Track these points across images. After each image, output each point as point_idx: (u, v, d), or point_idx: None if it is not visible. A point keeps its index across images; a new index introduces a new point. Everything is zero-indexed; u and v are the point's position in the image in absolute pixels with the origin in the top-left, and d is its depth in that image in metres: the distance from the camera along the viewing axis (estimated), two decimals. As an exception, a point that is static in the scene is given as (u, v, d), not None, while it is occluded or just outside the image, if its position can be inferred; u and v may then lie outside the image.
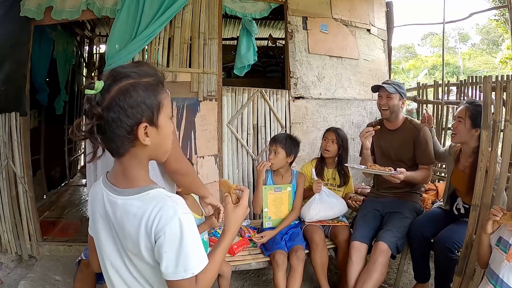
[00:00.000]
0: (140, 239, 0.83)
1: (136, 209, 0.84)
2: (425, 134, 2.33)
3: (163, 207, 0.82)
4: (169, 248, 0.81)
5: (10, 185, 2.79)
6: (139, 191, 0.86)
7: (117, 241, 0.90)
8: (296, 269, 2.05)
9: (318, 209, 2.29)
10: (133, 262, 0.89)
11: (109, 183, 0.91)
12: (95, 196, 0.95)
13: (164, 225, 0.80)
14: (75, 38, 4.99)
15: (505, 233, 1.41)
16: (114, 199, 0.87)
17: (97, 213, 0.93)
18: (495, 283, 1.36)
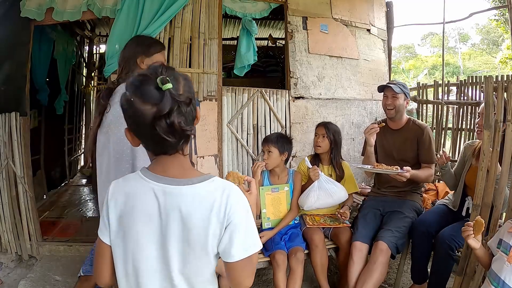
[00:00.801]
0: (210, 226, 0.84)
1: (205, 194, 0.85)
2: (429, 133, 2.38)
3: (231, 192, 0.87)
4: (240, 228, 0.86)
5: (10, 185, 2.79)
6: (204, 178, 0.87)
7: (167, 240, 0.85)
8: (296, 271, 2.05)
9: (316, 196, 2.22)
10: (186, 258, 0.85)
11: (161, 176, 0.87)
12: (133, 193, 0.87)
13: (236, 209, 0.86)
14: (75, 38, 5.00)
15: (505, 235, 1.41)
16: (176, 191, 0.84)
17: (136, 213, 0.86)
18: (497, 285, 1.36)
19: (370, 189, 2.81)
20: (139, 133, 0.86)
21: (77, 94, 5.57)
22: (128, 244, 0.87)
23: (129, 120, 0.86)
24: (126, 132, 0.88)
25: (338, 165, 2.45)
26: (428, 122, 4.12)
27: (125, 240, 0.87)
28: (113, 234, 0.89)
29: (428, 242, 2.13)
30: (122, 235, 0.88)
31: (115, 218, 0.88)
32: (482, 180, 1.81)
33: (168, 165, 0.88)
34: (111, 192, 0.90)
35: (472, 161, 2.20)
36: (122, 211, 0.88)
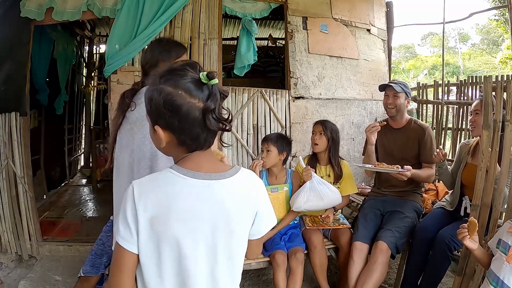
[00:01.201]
0: (249, 214, 0.90)
1: (242, 185, 0.89)
2: (430, 134, 2.38)
3: (257, 180, 0.94)
4: (266, 209, 0.95)
5: (10, 185, 2.79)
6: (235, 170, 0.90)
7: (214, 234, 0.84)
8: (296, 272, 2.05)
9: (306, 197, 2.14)
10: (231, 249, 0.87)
11: (199, 172, 0.84)
12: (169, 193, 0.82)
13: (263, 193, 0.94)
14: (75, 38, 5.00)
15: (504, 235, 1.41)
16: (218, 184, 0.85)
17: (175, 213, 0.80)
18: (496, 285, 1.36)
19: (370, 189, 2.81)
20: (179, 129, 0.82)
21: (77, 94, 5.57)
22: (166, 248, 0.81)
23: (167, 115, 0.80)
24: (157, 129, 0.83)
25: (337, 164, 2.40)
26: (428, 122, 4.12)
27: (161, 244, 0.80)
28: (143, 240, 0.80)
29: (426, 250, 2.12)
30: (157, 239, 0.80)
31: (146, 222, 0.80)
32: (481, 180, 1.81)
33: (202, 160, 0.87)
34: (137, 194, 0.81)
35: (468, 159, 2.20)
36: (155, 213, 0.80)
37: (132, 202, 0.81)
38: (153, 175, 0.88)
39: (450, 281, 2.06)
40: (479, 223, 1.78)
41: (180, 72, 0.82)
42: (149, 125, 0.87)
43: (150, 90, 0.84)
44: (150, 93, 0.84)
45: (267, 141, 2.30)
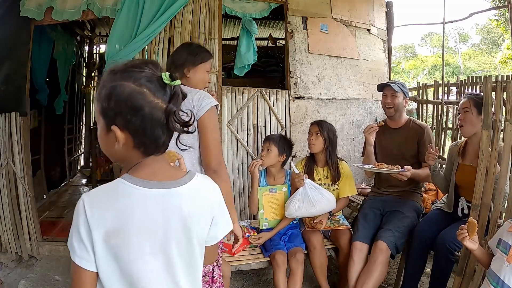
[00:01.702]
0: (205, 220, 0.87)
1: (198, 190, 0.86)
2: (429, 133, 2.38)
3: (213, 184, 0.92)
4: (222, 212, 0.92)
5: (10, 185, 2.79)
6: (191, 176, 0.86)
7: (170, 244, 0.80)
8: (296, 272, 2.05)
9: (298, 204, 2.12)
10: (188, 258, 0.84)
11: (154, 181, 0.80)
12: (124, 206, 0.77)
13: (219, 197, 0.91)
14: (75, 38, 5.00)
15: (504, 234, 1.41)
16: (174, 192, 0.81)
17: (131, 226, 0.76)
18: (496, 285, 1.36)
19: (370, 189, 2.81)
20: (139, 130, 0.77)
21: (77, 94, 5.57)
22: (125, 262, 0.76)
23: (129, 114, 0.76)
24: (114, 129, 0.76)
25: (334, 165, 2.37)
26: (428, 122, 4.12)
27: (120, 258, 0.76)
28: (100, 257, 0.75)
29: (424, 253, 2.12)
30: (115, 254, 0.76)
31: (101, 237, 0.74)
32: (481, 180, 1.81)
33: (156, 167, 0.83)
34: (88, 208, 0.75)
35: (459, 160, 2.19)
36: (110, 227, 0.75)
37: (85, 217, 0.74)
38: (104, 186, 0.80)
39: (450, 281, 2.06)
40: (479, 223, 1.78)
41: (141, 69, 0.78)
42: (101, 125, 0.80)
43: (108, 86, 0.77)
44: (108, 89, 0.76)
45: (268, 140, 2.30)
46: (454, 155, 2.25)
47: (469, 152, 2.15)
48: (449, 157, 2.32)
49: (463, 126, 2.10)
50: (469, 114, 2.06)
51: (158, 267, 0.79)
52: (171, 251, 0.80)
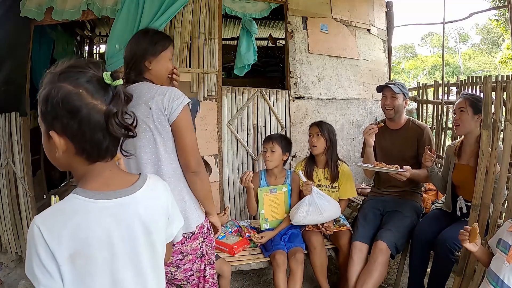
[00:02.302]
0: (164, 222, 0.88)
1: (154, 194, 0.85)
2: (429, 134, 2.38)
3: (165, 184, 0.91)
4: (175, 210, 0.94)
5: (10, 185, 2.79)
6: (143, 179, 0.85)
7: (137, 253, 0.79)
8: (296, 272, 2.05)
9: (305, 212, 2.16)
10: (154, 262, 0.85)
11: (108, 192, 0.76)
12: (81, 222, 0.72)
13: (171, 196, 0.92)
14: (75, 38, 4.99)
15: (504, 234, 1.41)
16: (131, 199, 0.78)
17: (94, 243, 0.73)
18: (495, 284, 1.36)
19: (370, 189, 2.81)
20: (77, 135, 0.72)
21: (77, 94, 5.56)
22: (94, 281, 0.73)
23: (66, 117, 0.71)
24: (52, 134, 0.72)
25: (334, 165, 2.37)
26: (428, 122, 4.11)
27: (88, 278, 0.72)
28: (69, 281, 0.70)
29: (425, 252, 2.12)
30: (83, 274, 0.72)
31: (66, 261, 0.70)
32: (481, 181, 1.81)
33: (108, 175, 0.78)
34: (46, 233, 0.69)
35: (455, 160, 2.19)
36: (73, 249, 0.70)
37: (44, 243, 0.69)
38: (58, 206, 0.75)
39: (450, 281, 2.06)
40: (479, 223, 1.78)
41: (81, 69, 0.73)
42: (43, 130, 0.76)
43: (46, 89, 0.73)
44: (46, 91, 0.73)
45: (271, 140, 2.29)
46: (450, 155, 2.26)
47: (465, 152, 2.16)
48: (446, 157, 2.33)
49: (459, 126, 2.11)
50: (464, 113, 2.07)
51: (129, 279, 0.77)
52: (141, 259, 0.79)
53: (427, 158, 2.15)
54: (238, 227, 2.43)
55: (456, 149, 2.21)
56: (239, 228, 2.43)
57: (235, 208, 3.14)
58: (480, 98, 2.03)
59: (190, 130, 1.39)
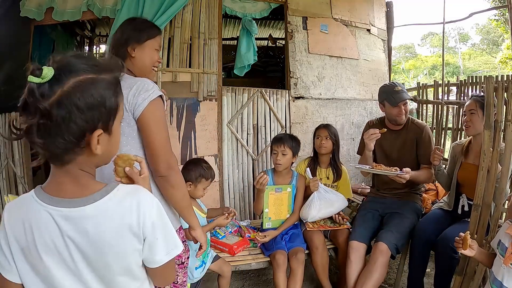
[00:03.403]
0: (127, 242, 0.74)
1: (112, 211, 0.73)
2: (428, 133, 2.37)
3: (141, 198, 0.76)
4: (157, 233, 0.77)
5: (10, 185, 2.79)
6: (106, 191, 0.74)
7: (80, 270, 0.74)
8: (296, 272, 2.05)
9: (319, 207, 2.24)
10: (109, 283, 0.77)
11: (57, 198, 0.72)
12: (30, 222, 0.71)
13: (150, 215, 0.76)
14: (75, 38, 5.00)
15: (502, 236, 1.41)
16: (78, 213, 0.71)
17: (39, 245, 0.71)
18: (496, 287, 1.36)
19: (369, 189, 2.80)
20: None
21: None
22: (44, 277, 0.73)
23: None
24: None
25: (337, 165, 2.46)
26: (428, 122, 4.11)
27: (38, 276, 0.73)
28: (22, 270, 0.73)
29: (426, 251, 2.12)
30: (33, 269, 0.73)
31: (19, 252, 0.73)
32: (483, 180, 1.81)
33: (61, 180, 0.73)
34: (6, 221, 0.73)
35: (462, 159, 2.21)
36: (23, 243, 0.72)
37: (4, 229, 0.73)
38: (21, 198, 0.75)
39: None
40: (480, 222, 1.78)
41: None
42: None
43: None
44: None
45: (283, 143, 2.27)
46: (457, 153, 2.28)
47: (473, 151, 2.17)
48: (452, 155, 2.34)
49: (469, 127, 2.13)
50: (475, 115, 2.09)
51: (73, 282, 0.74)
52: (85, 276, 0.74)
53: (436, 157, 2.19)
54: (238, 227, 2.43)
55: (464, 148, 2.23)
56: (239, 228, 2.43)
57: (235, 208, 3.13)
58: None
59: (159, 128, 1.22)
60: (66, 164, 0.72)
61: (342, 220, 2.35)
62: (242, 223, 2.56)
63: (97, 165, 0.78)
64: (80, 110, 0.67)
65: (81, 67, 0.68)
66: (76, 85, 0.67)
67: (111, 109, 0.73)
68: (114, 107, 0.74)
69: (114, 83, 0.74)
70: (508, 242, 1.35)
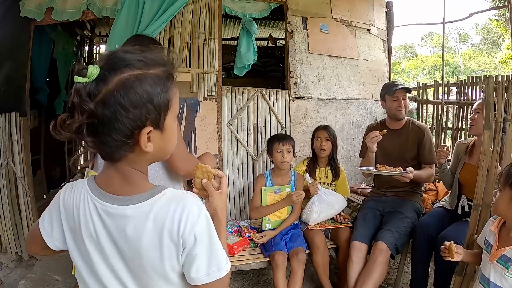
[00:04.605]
0: (164, 249, 0.70)
1: (154, 215, 0.70)
2: (429, 134, 2.40)
3: (186, 206, 0.71)
4: (200, 249, 0.71)
5: (10, 185, 2.79)
6: (152, 193, 0.72)
7: (117, 266, 0.74)
8: (297, 273, 2.05)
9: (319, 210, 2.28)
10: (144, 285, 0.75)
11: (104, 191, 0.73)
12: (78, 208, 0.75)
13: (193, 226, 0.70)
14: (75, 38, 4.99)
15: (488, 233, 1.45)
16: (119, 211, 0.71)
17: (83, 232, 0.74)
18: (483, 283, 1.38)
19: (370, 189, 2.81)
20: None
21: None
22: (83, 261, 0.77)
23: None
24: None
25: (336, 165, 2.50)
26: (428, 122, 4.11)
27: (81, 256, 0.77)
28: (70, 247, 0.78)
29: (429, 246, 2.12)
30: (78, 250, 0.77)
31: (68, 230, 0.78)
32: (482, 180, 1.81)
33: (109, 176, 0.74)
34: (61, 198, 0.78)
35: (465, 159, 2.22)
36: (71, 225, 0.76)
37: (61, 203, 0.78)
38: (77, 183, 0.79)
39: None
40: (480, 222, 1.79)
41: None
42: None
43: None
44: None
45: (288, 142, 2.34)
46: (461, 153, 2.28)
47: (476, 152, 2.17)
48: (455, 153, 2.35)
49: (473, 126, 2.16)
50: (480, 115, 2.11)
51: (110, 277, 0.75)
52: (121, 274, 0.74)
53: (442, 155, 2.22)
54: (238, 227, 2.43)
55: (468, 147, 2.24)
56: (239, 228, 2.43)
57: (235, 208, 3.14)
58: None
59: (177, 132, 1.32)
60: (117, 161, 0.72)
61: (344, 220, 2.37)
62: (242, 223, 2.56)
63: (150, 161, 0.77)
64: (125, 109, 0.65)
65: (127, 64, 0.67)
66: (120, 83, 0.65)
67: (161, 105, 0.70)
68: (165, 103, 0.71)
69: (164, 78, 0.71)
70: (493, 239, 1.38)
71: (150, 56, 0.70)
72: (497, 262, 1.32)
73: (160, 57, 0.72)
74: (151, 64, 0.69)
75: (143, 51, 0.71)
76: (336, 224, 2.37)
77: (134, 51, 0.70)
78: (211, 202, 0.87)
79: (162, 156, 0.80)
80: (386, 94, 2.43)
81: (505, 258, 1.30)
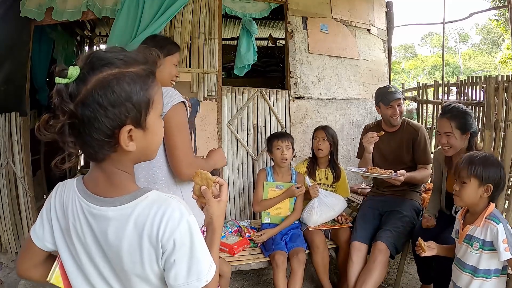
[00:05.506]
0: (143, 252, 0.69)
1: (134, 218, 0.69)
2: (424, 134, 2.38)
3: (167, 210, 0.69)
4: (179, 256, 0.70)
5: (10, 185, 2.79)
6: (134, 196, 0.71)
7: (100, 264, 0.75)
8: (297, 273, 2.05)
9: (320, 212, 2.28)
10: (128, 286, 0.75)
11: (89, 192, 0.73)
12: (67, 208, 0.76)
13: (173, 231, 0.68)
14: (75, 38, 4.99)
15: (456, 223, 1.61)
16: (101, 212, 0.70)
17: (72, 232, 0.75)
18: (457, 264, 1.55)
19: (369, 189, 2.81)
20: None
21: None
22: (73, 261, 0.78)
23: None
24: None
25: (336, 166, 2.49)
26: (428, 122, 4.11)
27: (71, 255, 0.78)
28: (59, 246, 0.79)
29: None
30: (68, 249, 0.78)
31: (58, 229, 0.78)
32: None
33: (94, 176, 0.74)
34: (53, 197, 0.80)
35: (446, 170, 2.11)
36: (63, 224, 0.77)
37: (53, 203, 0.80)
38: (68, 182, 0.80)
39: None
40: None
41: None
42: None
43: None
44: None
45: (287, 138, 2.35)
46: (441, 162, 2.16)
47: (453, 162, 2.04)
48: (436, 163, 2.22)
49: (449, 148, 1.95)
50: (452, 138, 1.91)
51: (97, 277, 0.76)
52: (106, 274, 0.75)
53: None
54: (238, 227, 2.43)
55: (444, 159, 2.12)
56: (239, 228, 2.43)
57: (235, 208, 3.14)
58: (462, 111, 1.89)
59: (180, 131, 1.30)
60: (101, 162, 0.72)
61: (344, 221, 2.38)
62: (242, 223, 2.56)
63: (135, 161, 0.77)
64: (103, 108, 0.65)
65: (105, 63, 0.67)
66: (98, 82, 0.65)
67: (141, 103, 0.69)
68: (145, 101, 0.70)
69: (144, 76, 0.70)
70: (459, 225, 1.56)
71: (130, 55, 0.70)
72: (464, 242, 1.49)
73: (140, 55, 0.72)
74: (131, 63, 0.69)
75: (124, 50, 0.71)
76: (336, 225, 2.37)
77: (114, 50, 0.70)
78: (208, 210, 0.85)
79: (147, 156, 0.78)
80: (381, 102, 2.39)
81: (469, 237, 1.48)
